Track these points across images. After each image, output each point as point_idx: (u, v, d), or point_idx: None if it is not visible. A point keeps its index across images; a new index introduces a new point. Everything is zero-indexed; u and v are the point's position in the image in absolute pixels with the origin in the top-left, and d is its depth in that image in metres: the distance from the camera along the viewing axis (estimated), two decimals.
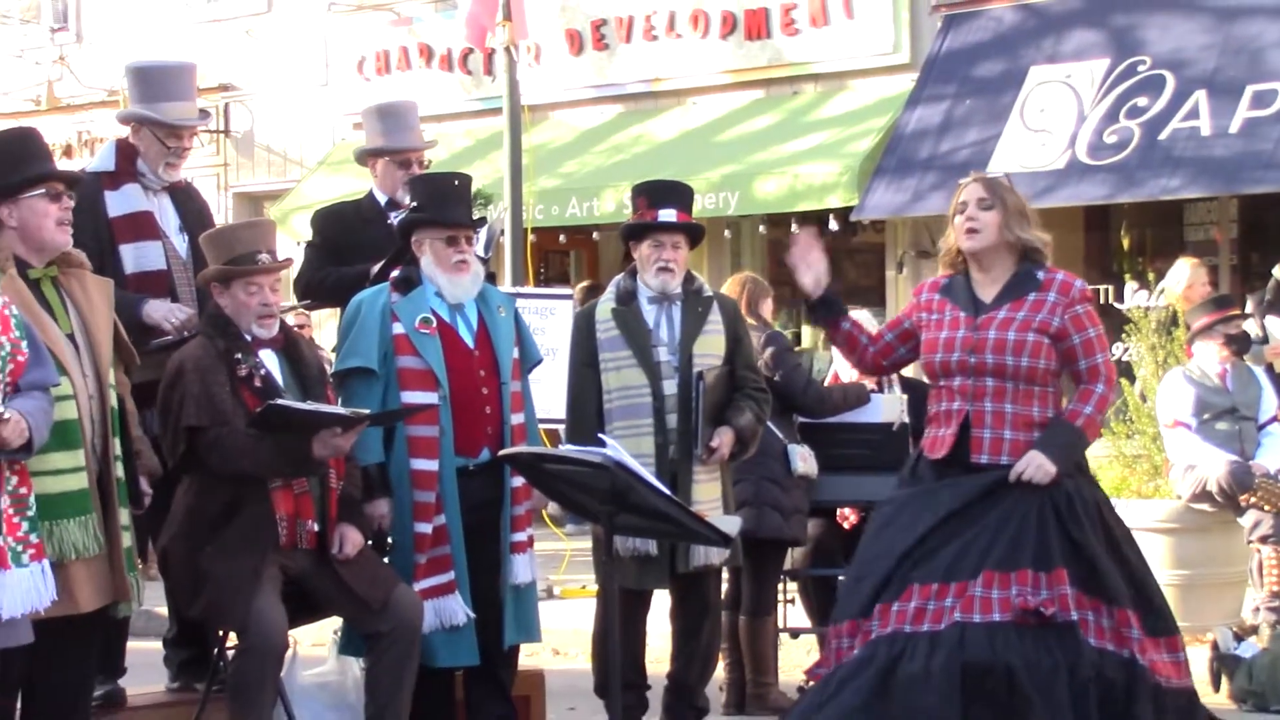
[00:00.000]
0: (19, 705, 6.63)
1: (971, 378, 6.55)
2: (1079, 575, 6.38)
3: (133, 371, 6.92)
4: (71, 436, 6.37)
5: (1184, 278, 11.58)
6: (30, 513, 6.11)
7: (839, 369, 9.84)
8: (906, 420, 9.55)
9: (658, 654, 8.36)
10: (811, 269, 6.64)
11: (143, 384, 7.03)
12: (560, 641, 10.12)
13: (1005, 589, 6.29)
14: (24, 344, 6.13)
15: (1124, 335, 11.63)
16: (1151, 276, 11.91)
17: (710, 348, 8.03)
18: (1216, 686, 9.33)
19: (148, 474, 6.84)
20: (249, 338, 7.16)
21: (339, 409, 7.14)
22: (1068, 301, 6.58)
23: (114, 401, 6.62)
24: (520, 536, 7.61)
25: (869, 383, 9.53)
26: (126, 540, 6.59)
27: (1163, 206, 15.19)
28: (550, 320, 9.78)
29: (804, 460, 8.95)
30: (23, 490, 6.08)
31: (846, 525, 9.59)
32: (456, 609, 7.39)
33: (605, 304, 8.09)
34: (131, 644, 7.58)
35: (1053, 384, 6.66)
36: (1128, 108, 14.64)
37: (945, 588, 6.36)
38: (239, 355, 7.10)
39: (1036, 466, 6.43)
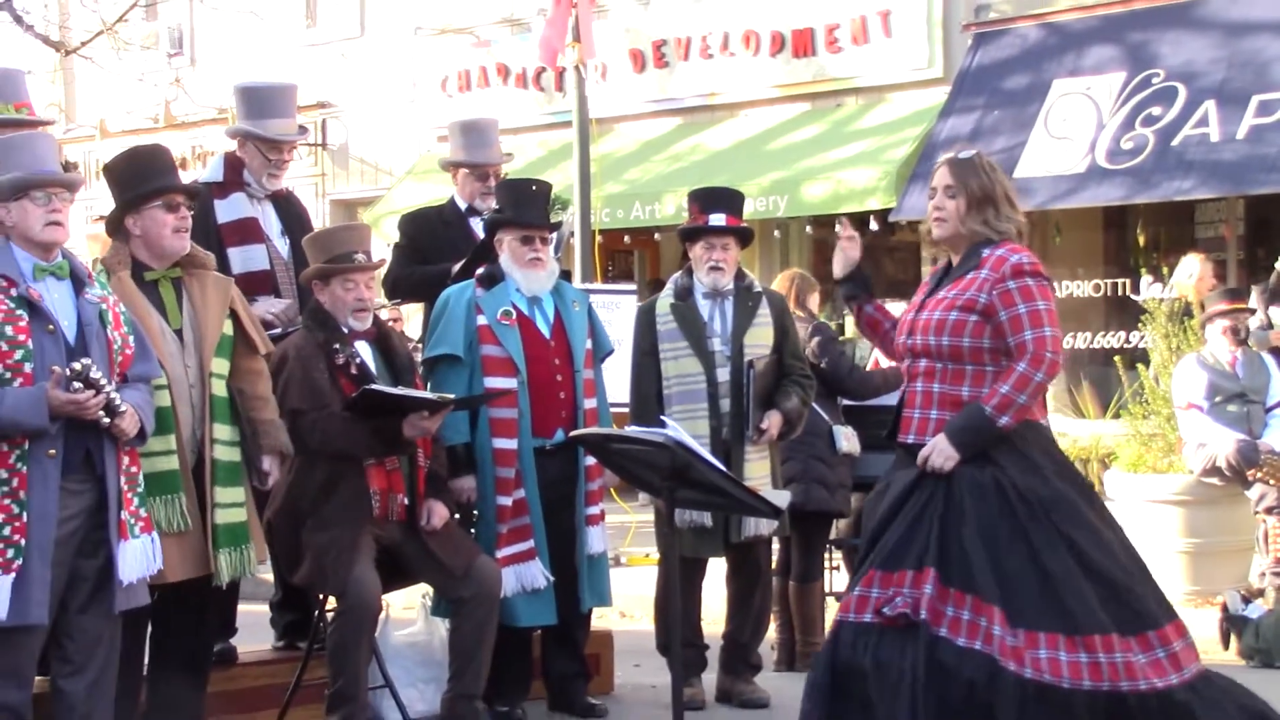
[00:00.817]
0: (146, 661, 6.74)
1: (909, 359, 6.06)
2: (955, 571, 5.72)
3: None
4: (166, 422, 6.43)
5: (1194, 272, 11.54)
6: (140, 489, 6.23)
7: (879, 355, 9.83)
8: None
9: (714, 616, 8.35)
10: (845, 254, 6.26)
11: None
12: (626, 605, 10.13)
13: (884, 589, 5.76)
14: (131, 339, 6.20)
15: (1140, 324, 11.59)
16: (1165, 271, 11.86)
17: (759, 338, 8.02)
18: (1226, 645, 9.35)
19: (274, 453, 6.89)
20: (346, 330, 7.20)
21: (427, 394, 7.18)
22: (997, 278, 5.83)
23: (218, 390, 6.68)
24: (593, 510, 7.67)
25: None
26: (230, 516, 6.66)
27: (1175, 207, 15.11)
28: (616, 313, 9.78)
29: (847, 439, 8.94)
30: (134, 469, 6.19)
31: None
32: (536, 574, 7.43)
33: (664, 299, 8.11)
34: (242, 607, 7.63)
35: (992, 362, 5.88)
36: (1143, 116, 14.58)
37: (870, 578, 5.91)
38: (337, 346, 7.14)
39: (937, 452, 5.82)
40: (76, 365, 5.84)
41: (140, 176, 6.71)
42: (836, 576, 9.69)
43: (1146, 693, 5.55)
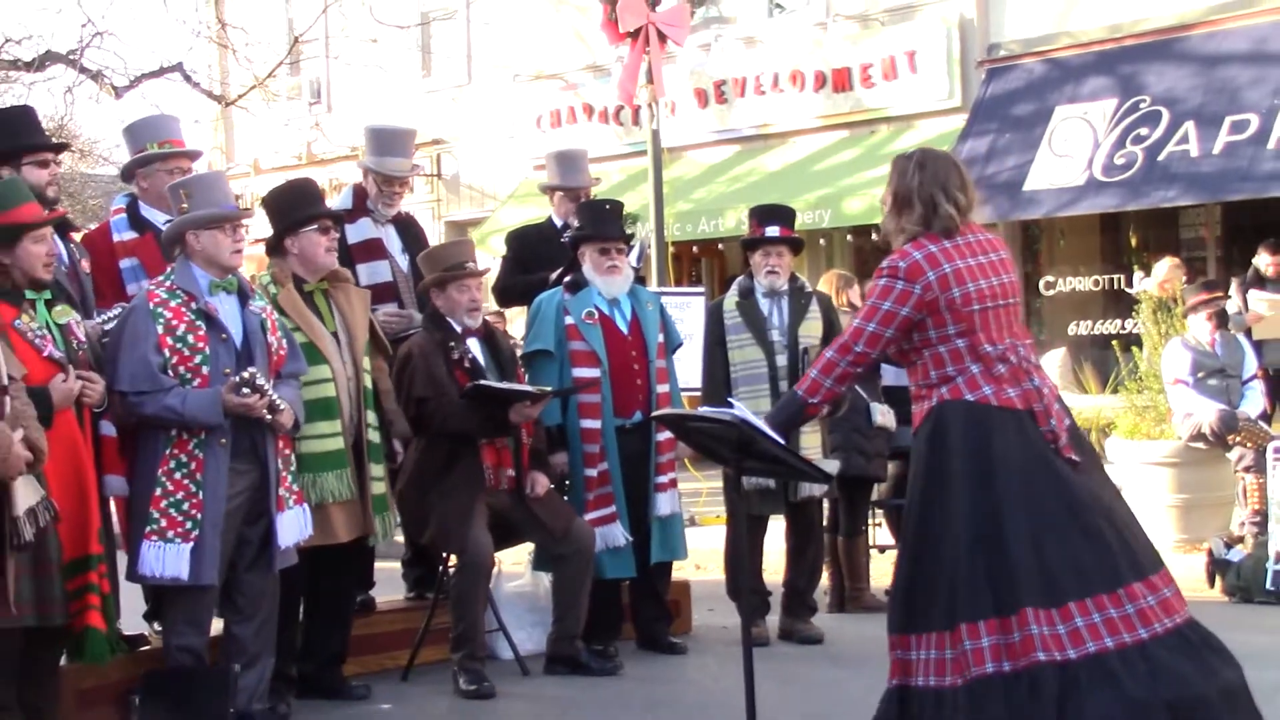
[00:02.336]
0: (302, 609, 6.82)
1: None
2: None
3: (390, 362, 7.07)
4: (332, 409, 6.54)
5: (1162, 273, 11.46)
6: (293, 469, 6.32)
7: None
8: None
9: (775, 567, 8.33)
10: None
11: None
12: (701, 558, 10.12)
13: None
14: (285, 342, 6.29)
15: (1133, 313, 11.51)
16: (1154, 267, 11.76)
17: (811, 330, 8.01)
18: (1211, 584, 9.31)
19: (400, 438, 6.95)
20: (459, 329, 7.24)
21: (529, 387, 7.19)
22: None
23: (368, 383, 6.77)
24: (663, 479, 7.64)
25: None
26: (378, 488, 6.75)
27: (1162, 213, 15.02)
28: (687, 312, 9.72)
29: (884, 415, 8.88)
30: (288, 452, 6.29)
31: None
32: (618, 534, 7.43)
33: (730, 299, 8.11)
34: (378, 565, 7.69)
35: (916, 356, 5.15)
36: (1132, 136, 14.49)
37: None
38: (452, 343, 7.19)
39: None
40: (245, 374, 5.92)
41: (297, 205, 6.81)
42: (878, 531, 9.67)
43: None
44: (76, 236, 6.95)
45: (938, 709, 4.81)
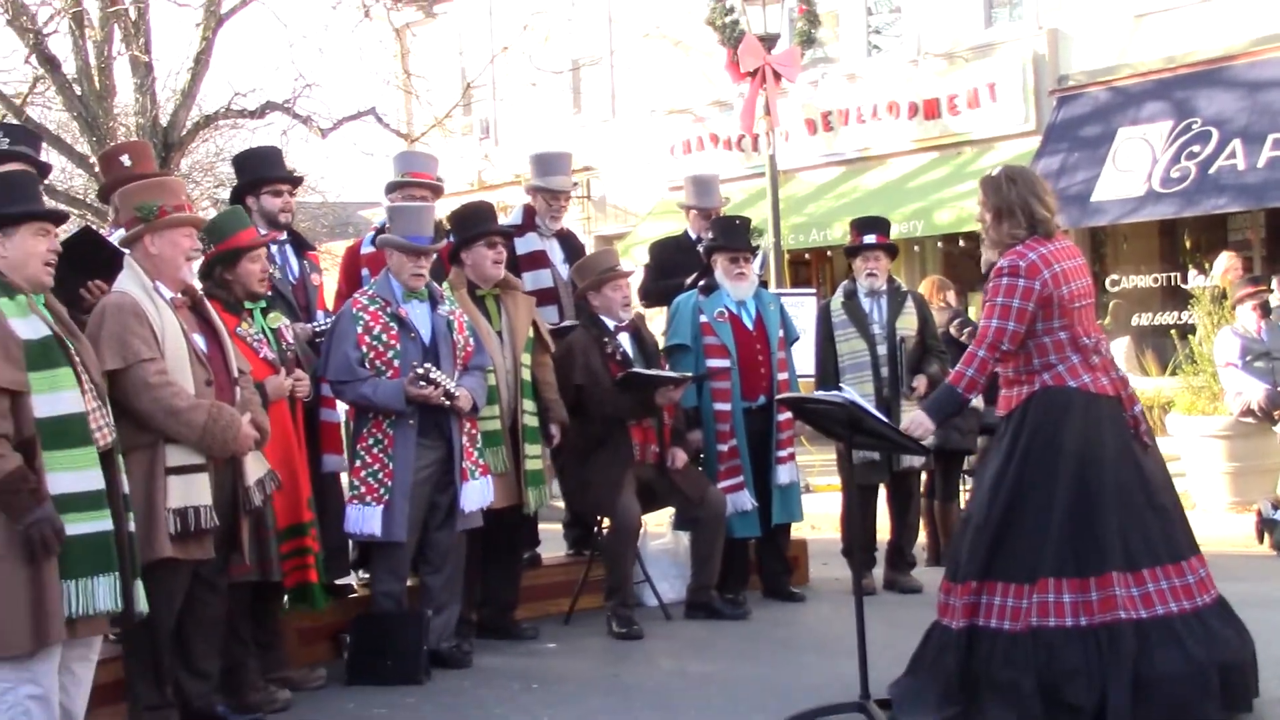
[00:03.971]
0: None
1: None
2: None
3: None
4: (492, 396, 6.57)
5: (1223, 265, 11.20)
6: (479, 445, 6.34)
7: None
8: None
9: (879, 528, 8.24)
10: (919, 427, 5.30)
11: None
12: (815, 520, 10.03)
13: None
14: (471, 340, 6.34)
15: (1189, 306, 11.30)
16: (1206, 266, 11.47)
17: (907, 325, 7.91)
18: (1261, 540, 9.13)
19: (557, 423, 6.97)
20: (612, 325, 7.25)
21: (671, 373, 7.19)
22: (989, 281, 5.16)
23: (527, 375, 6.78)
24: (783, 453, 7.56)
25: None
26: (532, 465, 6.75)
27: (1213, 218, 14.71)
28: (800, 310, 9.66)
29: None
30: (474, 431, 6.33)
31: None
32: (745, 500, 7.39)
33: (837, 299, 8.03)
34: (542, 527, 7.71)
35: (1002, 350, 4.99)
36: (1186, 153, 14.23)
37: None
38: (605, 338, 7.20)
39: (916, 424, 5.23)
40: (419, 369, 6.00)
41: (470, 224, 6.85)
42: (968, 496, 9.55)
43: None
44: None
45: (1009, 649, 4.77)
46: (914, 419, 5.30)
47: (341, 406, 6.52)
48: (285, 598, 5.86)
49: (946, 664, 4.94)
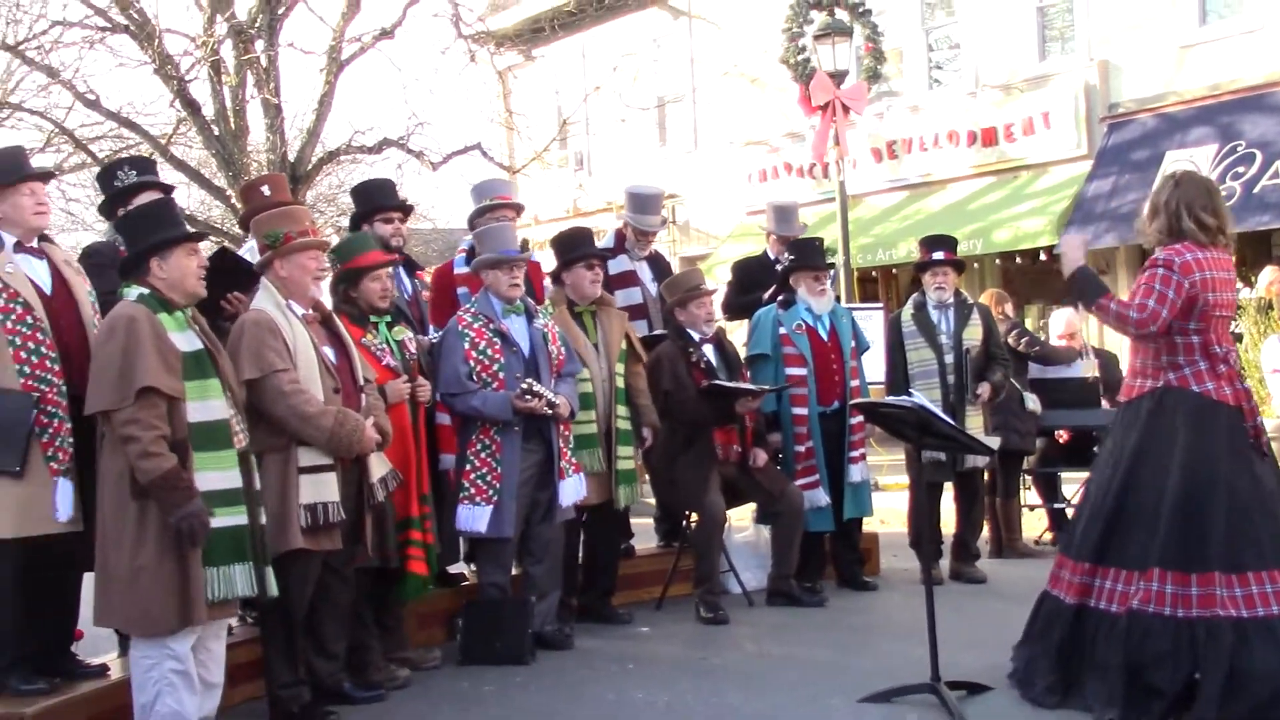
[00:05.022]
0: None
1: None
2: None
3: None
4: (589, 402, 6.59)
5: (1267, 279, 10.92)
6: (571, 446, 6.35)
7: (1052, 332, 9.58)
8: (1097, 375, 9.30)
9: (945, 522, 8.16)
10: (1068, 258, 5.09)
11: None
12: (885, 515, 9.95)
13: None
14: (564, 350, 6.36)
15: (1236, 317, 11.02)
16: (1252, 279, 11.20)
17: (972, 335, 7.82)
18: None
19: (649, 427, 6.97)
20: (697, 338, 7.24)
21: (752, 385, 7.15)
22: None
23: (620, 384, 6.79)
24: (855, 453, 7.53)
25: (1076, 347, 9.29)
26: (624, 465, 6.76)
27: (1257, 234, 14.29)
28: (868, 323, 9.58)
29: (1033, 402, 8.67)
30: (567, 433, 6.33)
31: (1061, 440, 9.26)
32: (820, 497, 7.35)
33: (906, 311, 7.96)
34: (636, 521, 7.71)
35: (1150, 340, 4.86)
36: (1231, 173, 13.88)
37: None
38: (691, 349, 7.18)
39: (1071, 246, 4.95)
40: (524, 384, 6.04)
41: (571, 247, 6.87)
42: (1028, 494, 9.41)
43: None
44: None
45: (1110, 630, 4.71)
46: (1069, 241, 5.04)
47: None
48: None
49: (1054, 637, 4.91)
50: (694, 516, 7.20)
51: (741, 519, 7.97)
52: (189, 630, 4.41)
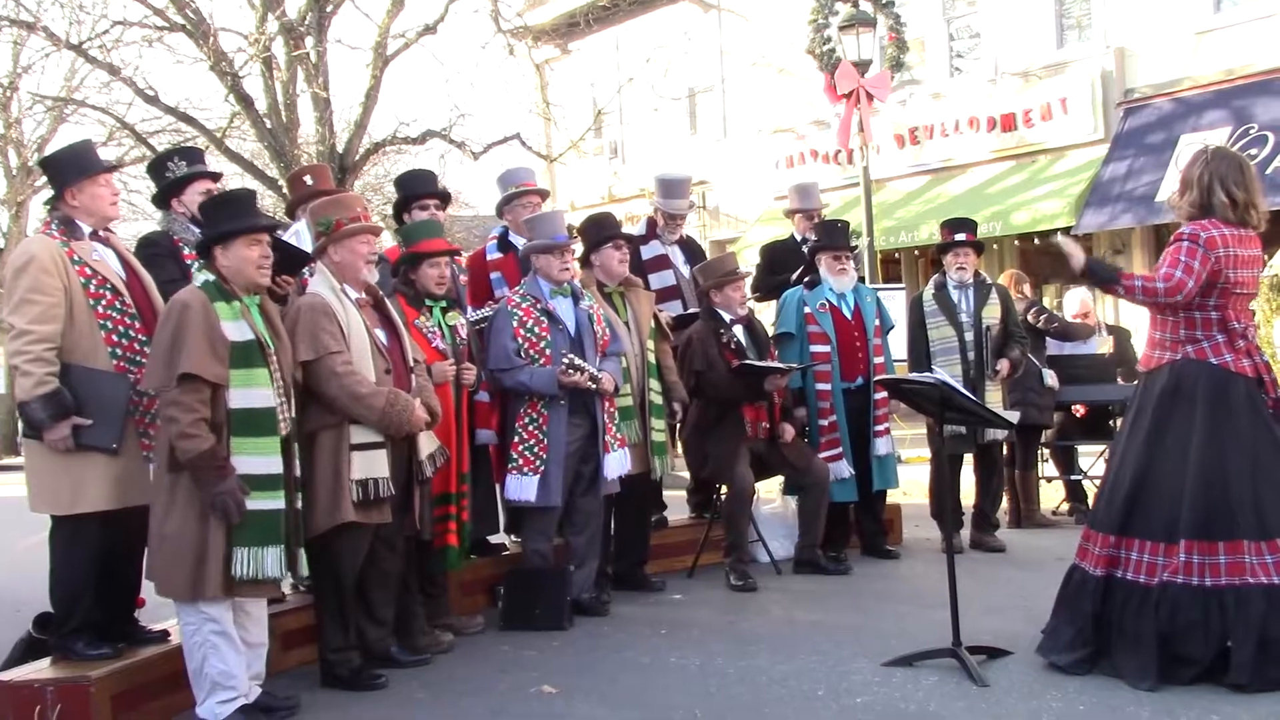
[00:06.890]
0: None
1: None
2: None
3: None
4: (625, 377, 6.56)
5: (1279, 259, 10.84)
6: (616, 420, 6.35)
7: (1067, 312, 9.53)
8: (1112, 351, 9.25)
9: (966, 493, 8.15)
10: (1074, 257, 5.02)
11: None
12: (908, 487, 9.87)
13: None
14: (608, 330, 6.37)
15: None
16: (1265, 258, 11.09)
17: (991, 314, 7.79)
18: None
19: (678, 402, 6.99)
20: (728, 319, 7.25)
21: (780, 364, 7.16)
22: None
23: (652, 359, 6.80)
24: (880, 428, 7.54)
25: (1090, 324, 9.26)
26: (657, 436, 6.76)
27: (1271, 214, 14.12)
28: (891, 302, 9.54)
29: (1051, 378, 8.63)
30: (611, 409, 6.33)
31: (1078, 414, 9.21)
32: (844, 469, 7.37)
33: (928, 291, 7.93)
34: (668, 493, 7.74)
35: (1171, 313, 4.77)
36: (1244, 155, 13.70)
37: None
38: (722, 330, 7.19)
39: (1073, 246, 4.86)
40: (567, 360, 6.05)
41: (599, 230, 6.88)
42: (1045, 467, 9.36)
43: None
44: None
45: (1141, 601, 4.62)
46: (1065, 243, 5.00)
47: None
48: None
49: (1083, 608, 4.82)
50: (724, 489, 7.21)
51: (770, 491, 7.98)
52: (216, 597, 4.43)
